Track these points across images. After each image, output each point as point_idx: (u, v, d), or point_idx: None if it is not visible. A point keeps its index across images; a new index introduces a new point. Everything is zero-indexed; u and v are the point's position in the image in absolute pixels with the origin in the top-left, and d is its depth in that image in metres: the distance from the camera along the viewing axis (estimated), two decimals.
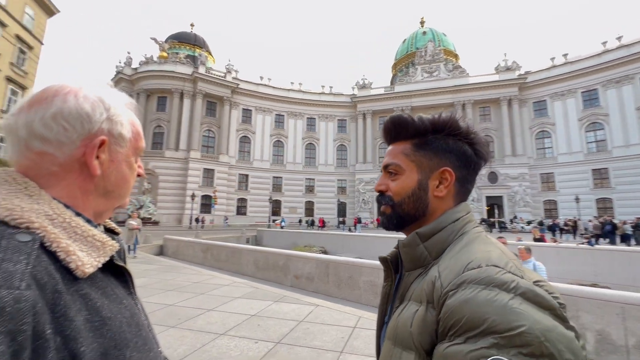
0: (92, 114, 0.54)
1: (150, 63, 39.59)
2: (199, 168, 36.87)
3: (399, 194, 0.69)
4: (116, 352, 0.48)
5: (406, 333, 0.56)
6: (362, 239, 17.76)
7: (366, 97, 44.57)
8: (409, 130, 0.71)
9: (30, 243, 0.44)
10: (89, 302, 0.48)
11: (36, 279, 0.42)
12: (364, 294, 6.51)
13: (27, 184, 0.50)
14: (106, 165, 0.56)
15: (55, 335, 0.42)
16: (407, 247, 0.65)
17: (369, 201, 40.68)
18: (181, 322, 4.22)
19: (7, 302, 0.37)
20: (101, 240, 0.53)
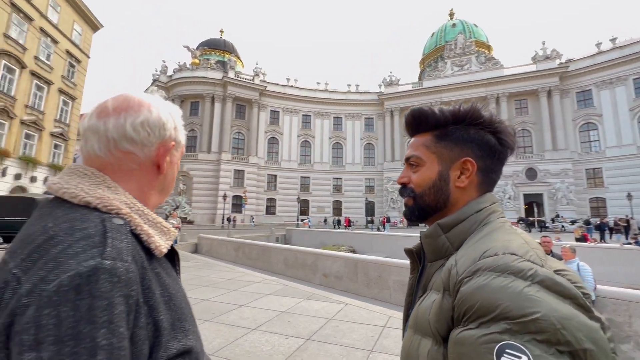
0: (167, 124, 0.65)
1: (183, 70, 41.56)
2: (230, 169, 38.14)
3: (420, 185, 0.69)
4: (179, 324, 0.57)
5: (425, 321, 0.58)
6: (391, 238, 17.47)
7: (393, 94, 43.71)
8: (429, 122, 0.71)
9: (124, 226, 0.54)
10: (160, 279, 0.57)
11: (132, 255, 0.51)
12: (393, 294, 6.41)
13: (104, 178, 0.59)
14: (168, 166, 0.67)
15: (144, 304, 0.50)
16: (429, 238, 0.66)
17: (397, 200, 39.92)
18: (215, 316, 4.40)
19: (122, 272, 0.47)
20: (166, 227, 0.63)
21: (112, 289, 0.45)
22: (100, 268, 0.45)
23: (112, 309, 0.44)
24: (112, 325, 0.44)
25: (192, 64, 42.40)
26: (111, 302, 0.44)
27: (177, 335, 0.55)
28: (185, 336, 0.57)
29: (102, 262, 0.45)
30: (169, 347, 0.53)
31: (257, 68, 42.86)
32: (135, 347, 0.47)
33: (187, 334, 0.57)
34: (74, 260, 0.45)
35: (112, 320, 0.44)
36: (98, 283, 0.44)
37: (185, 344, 0.56)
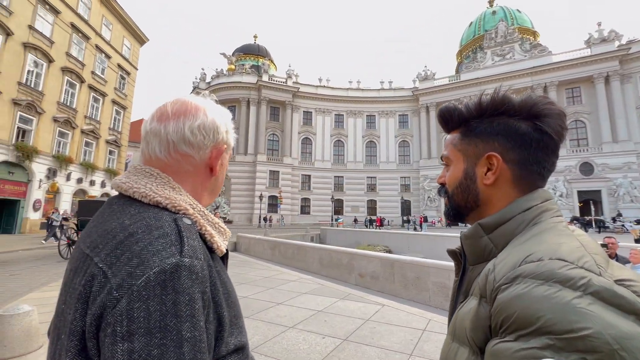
0: (220, 127, 0.68)
1: (220, 76, 43.48)
2: (265, 170, 39.20)
3: (450, 185, 0.67)
4: (236, 321, 0.59)
5: (462, 329, 0.54)
6: (429, 238, 16.84)
7: (429, 89, 42.17)
8: (455, 119, 0.67)
9: (192, 225, 0.57)
10: (220, 277, 0.59)
11: (203, 254, 0.54)
12: (433, 296, 6.17)
13: (169, 179, 0.62)
14: (219, 168, 0.69)
15: (210, 300, 0.53)
16: (469, 239, 0.61)
17: (435, 199, 38.46)
18: (254, 313, 4.53)
19: (199, 269, 0.50)
20: (223, 227, 0.66)
21: (192, 285, 0.48)
22: (182, 265, 0.48)
23: (194, 303, 0.47)
24: (194, 319, 0.47)
25: (228, 70, 44.22)
26: (192, 297, 0.47)
27: (234, 331, 0.58)
28: (240, 332, 0.60)
29: (182, 260, 0.49)
30: (229, 342, 0.55)
31: (289, 70, 43.59)
32: (208, 341, 0.50)
33: (241, 330, 0.60)
34: (157, 257, 0.48)
35: (194, 314, 0.47)
36: (180, 279, 0.47)
37: (241, 339, 0.59)
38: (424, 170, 40.46)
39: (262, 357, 3.10)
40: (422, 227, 28.78)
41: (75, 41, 21.80)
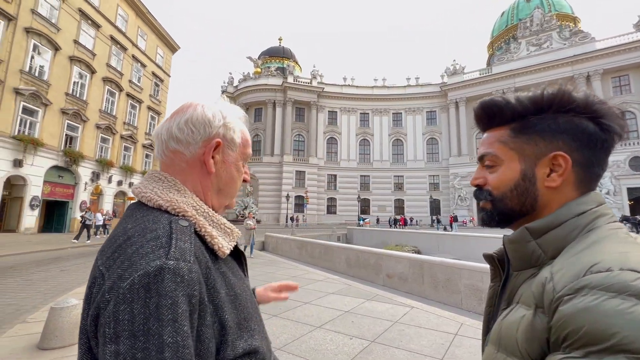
0: (212, 120, 0.65)
1: (247, 79, 44.61)
2: (292, 170, 39.68)
3: (498, 187, 0.60)
4: (245, 324, 0.58)
5: (511, 339, 0.50)
6: (460, 238, 16.23)
7: (458, 83, 40.61)
8: (505, 114, 0.61)
9: (189, 227, 0.56)
10: (226, 279, 0.58)
11: (196, 256, 0.53)
12: (465, 299, 5.93)
13: (175, 182, 0.63)
14: (219, 165, 0.66)
15: (209, 303, 0.52)
16: (514, 244, 0.57)
17: (466, 198, 36.97)
18: (282, 312, 4.59)
19: (185, 272, 0.48)
20: (230, 228, 0.64)
21: (175, 288, 0.46)
22: (165, 268, 0.47)
23: (176, 307, 0.46)
24: (177, 324, 0.45)
25: (254, 73, 45.27)
26: (175, 301, 0.46)
27: (243, 334, 0.56)
28: (251, 336, 0.58)
29: (166, 262, 0.47)
30: (236, 346, 0.54)
31: (314, 70, 43.82)
32: (202, 345, 0.49)
33: (252, 333, 0.59)
34: (144, 260, 0.48)
35: (176, 318, 0.45)
36: (163, 282, 0.46)
37: (252, 343, 0.57)
38: (453, 168, 39.03)
39: (290, 356, 3.14)
40: (452, 227, 27.76)
41: (114, 52, 23.29)
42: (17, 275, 7.43)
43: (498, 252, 0.66)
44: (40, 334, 3.39)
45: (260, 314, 0.68)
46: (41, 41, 17.30)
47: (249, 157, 0.73)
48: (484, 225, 0.66)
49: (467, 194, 36.90)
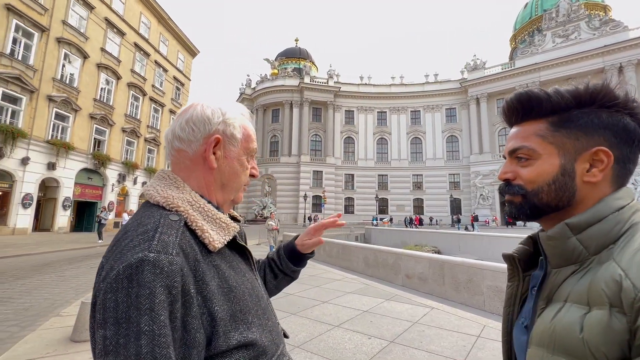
0: (211, 118, 0.68)
1: (264, 81, 45.19)
2: (309, 170, 39.85)
3: (533, 181, 0.59)
4: (241, 316, 0.59)
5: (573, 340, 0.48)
6: (482, 239, 15.75)
7: (479, 79, 39.41)
8: (544, 107, 0.60)
9: (178, 222, 0.59)
10: (219, 272, 0.60)
11: (182, 249, 0.55)
12: (488, 301, 5.76)
13: (176, 179, 0.67)
14: (221, 160, 0.69)
15: (197, 294, 0.54)
16: (554, 241, 0.56)
17: (488, 197, 35.84)
18: (300, 310, 4.62)
19: (165, 264, 0.50)
20: (226, 223, 0.66)
21: (154, 279, 0.49)
22: (145, 260, 0.50)
23: (154, 297, 0.48)
24: (153, 313, 0.47)
25: (272, 74, 45.80)
26: (152, 291, 0.48)
27: (239, 326, 0.58)
28: (248, 328, 0.59)
29: (147, 255, 0.50)
30: (229, 337, 0.56)
31: (330, 70, 43.81)
32: (189, 335, 0.51)
33: (249, 326, 0.59)
34: (131, 252, 0.51)
35: (153, 308, 0.47)
36: (143, 273, 0.49)
37: (247, 336, 0.58)
38: (475, 167, 37.92)
39: (308, 354, 3.16)
40: (474, 226, 26.99)
41: (138, 58, 24.20)
42: (52, 271, 7.87)
43: (518, 251, 0.66)
44: (72, 327, 3.58)
45: (266, 308, 0.69)
46: (71, 50, 18.23)
47: (253, 151, 0.75)
48: (512, 218, 0.65)
49: (489, 192, 35.77)
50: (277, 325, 0.72)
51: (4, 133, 14.37)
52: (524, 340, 0.58)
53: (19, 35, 15.46)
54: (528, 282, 0.64)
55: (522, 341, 0.59)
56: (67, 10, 18.07)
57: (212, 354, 0.54)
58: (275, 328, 0.69)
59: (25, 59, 15.81)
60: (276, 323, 0.72)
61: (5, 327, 4.08)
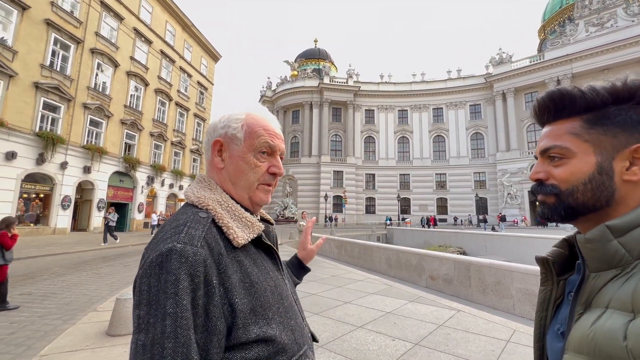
0: (217, 125, 0.77)
1: (284, 83, 45.68)
2: (329, 171, 39.84)
3: (568, 181, 0.58)
4: (261, 311, 0.62)
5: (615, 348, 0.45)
6: (511, 239, 15.11)
7: (506, 73, 37.73)
8: (578, 105, 0.58)
9: (206, 218, 0.65)
10: (242, 267, 0.64)
11: (207, 243, 0.60)
12: (518, 304, 5.53)
13: (210, 182, 0.75)
14: (227, 160, 0.75)
15: (219, 285, 0.58)
16: (593, 244, 0.53)
17: (516, 196, 34.31)
18: (323, 310, 4.65)
19: (190, 254, 0.56)
20: (251, 221, 0.70)
21: (179, 267, 0.54)
22: (173, 250, 0.56)
23: (178, 283, 0.53)
24: (177, 297, 0.53)
25: (291, 76, 46.23)
26: (177, 277, 0.54)
27: (259, 321, 0.61)
28: (267, 324, 0.62)
29: (175, 245, 0.56)
30: (248, 330, 0.59)
31: (350, 70, 43.60)
32: (210, 322, 0.56)
33: (269, 322, 0.62)
34: (163, 243, 0.58)
35: (177, 292, 0.53)
36: (170, 261, 0.55)
37: (267, 331, 0.61)
38: (502, 164, 36.44)
39: (332, 354, 3.17)
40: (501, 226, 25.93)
41: (164, 65, 25.20)
42: (89, 269, 8.36)
43: (552, 254, 0.64)
44: (108, 322, 3.79)
45: (291, 307, 0.71)
46: (103, 60, 19.28)
47: (262, 147, 0.75)
48: (545, 219, 0.63)
49: (517, 191, 34.25)
50: (303, 326, 0.73)
51: (45, 139, 15.40)
52: (559, 347, 0.56)
53: (57, 48, 16.52)
54: (563, 287, 0.62)
55: (557, 348, 0.57)
56: (99, 22, 19.12)
57: (232, 345, 0.58)
58: (300, 329, 0.71)
59: (63, 69, 16.87)
60: (302, 324, 0.73)
61: (50, 320, 4.39)
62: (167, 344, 0.51)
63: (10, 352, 3.36)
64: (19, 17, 14.52)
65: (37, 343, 3.60)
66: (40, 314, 4.57)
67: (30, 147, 15.03)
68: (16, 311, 4.68)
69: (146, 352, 0.51)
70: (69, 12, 17.09)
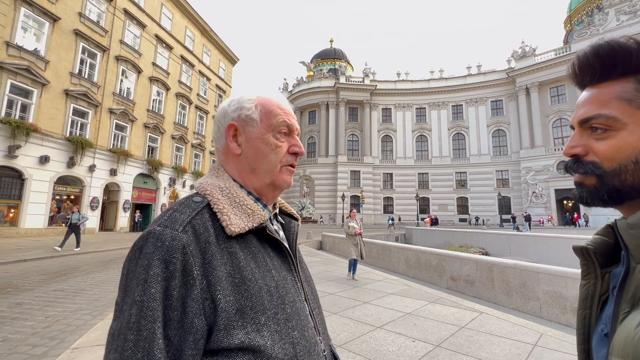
0: (227, 109, 0.70)
1: (301, 84, 45.94)
2: (346, 171, 39.70)
3: (613, 159, 0.48)
4: (251, 314, 0.52)
5: None
6: (537, 240, 14.52)
7: (529, 67, 36.29)
8: (634, 62, 0.48)
9: (199, 203, 0.60)
10: (234, 259, 0.55)
11: (194, 228, 0.54)
12: (545, 307, 5.31)
13: (219, 169, 0.70)
14: (244, 145, 0.68)
15: (202, 277, 0.51)
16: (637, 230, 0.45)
17: (542, 194, 32.93)
18: (341, 310, 4.63)
19: (167, 238, 0.51)
20: (252, 209, 0.62)
21: (154, 251, 0.50)
22: (151, 232, 0.52)
23: (149, 269, 0.48)
24: (146, 285, 0.48)
25: (307, 76, 46.44)
26: (150, 263, 0.49)
27: (246, 325, 0.51)
28: (257, 330, 0.52)
29: (155, 228, 0.52)
30: (232, 334, 0.50)
31: (366, 69, 43.29)
32: (186, 317, 0.49)
33: (260, 328, 0.52)
34: (149, 227, 0.54)
35: (147, 279, 0.48)
36: (147, 245, 0.51)
37: (253, 338, 0.51)
38: (525, 162, 35.07)
39: (351, 354, 3.15)
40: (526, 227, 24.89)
41: (184, 70, 25.91)
42: (116, 267, 8.72)
43: (593, 242, 0.55)
44: None
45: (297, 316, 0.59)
46: (127, 66, 20.05)
47: (280, 126, 0.69)
48: (583, 203, 0.53)
49: (543, 190, 32.85)
50: (314, 342, 0.61)
51: (75, 144, 16.19)
52: (603, 352, 0.48)
53: (85, 56, 17.33)
54: (608, 281, 0.52)
55: (602, 354, 0.48)
56: (123, 30, 19.90)
57: (211, 349, 0.50)
58: (308, 344, 0.58)
59: (90, 76, 17.68)
60: (312, 339, 0.61)
61: (80, 315, 4.60)
62: (129, 336, 0.46)
63: (45, 344, 3.55)
64: (50, 28, 15.33)
65: (69, 337, 3.78)
66: (71, 309, 4.81)
67: (61, 151, 15.83)
68: (50, 307, 4.94)
69: (113, 341, 0.47)
70: (95, 22, 17.88)
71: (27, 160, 14.25)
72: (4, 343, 3.53)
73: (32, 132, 14.05)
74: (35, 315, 4.50)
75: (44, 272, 7.48)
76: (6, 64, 13.22)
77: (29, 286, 6.12)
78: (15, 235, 13.83)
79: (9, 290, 5.75)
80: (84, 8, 17.20)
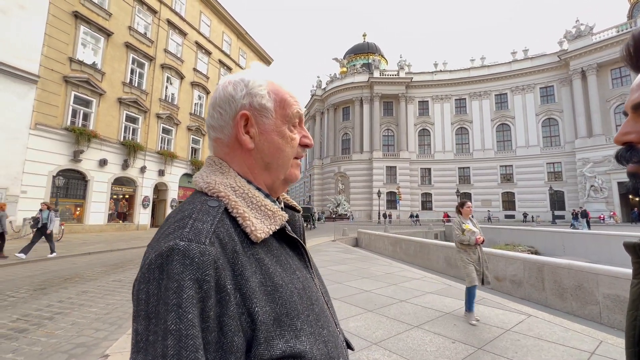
0: (234, 94, 0.60)
1: (334, 81, 45.86)
2: (382, 167, 39.03)
3: None
4: (288, 320, 0.50)
5: None
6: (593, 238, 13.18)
7: (586, 47, 32.86)
8: None
9: (216, 208, 0.52)
10: (263, 267, 0.51)
11: (219, 238, 0.48)
12: (605, 312, 4.82)
13: (222, 164, 0.61)
14: (257, 138, 0.60)
15: (235, 292, 0.46)
16: None
17: (602, 188, 29.79)
18: (377, 308, 4.58)
19: (195, 254, 0.44)
20: (272, 210, 0.57)
21: (183, 270, 0.43)
22: (175, 249, 0.44)
23: (181, 292, 0.42)
24: (181, 310, 0.41)
25: (340, 73, 46.28)
26: (180, 284, 0.42)
27: (285, 333, 0.49)
28: (296, 337, 0.50)
29: (177, 243, 0.45)
30: (272, 345, 0.47)
31: (401, 61, 42.07)
32: (225, 338, 0.44)
33: (298, 334, 0.50)
34: (164, 240, 0.47)
35: (181, 304, 0.42)
36: (172, 264, 0.43)
37: (294, 345, 0.49)
38: (582, 153, 31.92)
39: (387, 352, 3.12)
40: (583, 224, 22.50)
41: (222, 73, 26.99)
42: None
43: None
44: None
45: (322, 313, 0.58)
46: (172, 73, 21.42)
47: (295, 117, 0.64)
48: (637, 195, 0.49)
49: (603, 183, 29.70)
50: (336, 335, 0.60)
51: (128, 147, 17.70)
52: None
53: (135, 66, 18.81)
54: None
55: None
56: (167, 39, 21.26)
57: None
58: (334, 338, 0.58)
59: (140, 85, 19.15)
60: (335, 332, 0.60)
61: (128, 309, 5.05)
62: None
63: (106, 329, 3.95)
64: (105, 42, 16.85)
65: (125, 323, 4.17)
66: (127, 299, 5.28)
67: (116, 154, 17.39)
68: (110, 295, 5.46)
69: None
70: (143, 34, 19.30)
71: (89, 164, 15.85)
72: (73, 326, 3.98)
73: (92, 137, 15.61)
74: (97, 302, 5.02)
75: (104, 264, 8.29)
76: (70, 77, 14.79)
77: (92, 276, 6.83)
78: (81, 230, 15.50)
79: (76, 280, 6.46)
80: (133, 22, 18.66)
